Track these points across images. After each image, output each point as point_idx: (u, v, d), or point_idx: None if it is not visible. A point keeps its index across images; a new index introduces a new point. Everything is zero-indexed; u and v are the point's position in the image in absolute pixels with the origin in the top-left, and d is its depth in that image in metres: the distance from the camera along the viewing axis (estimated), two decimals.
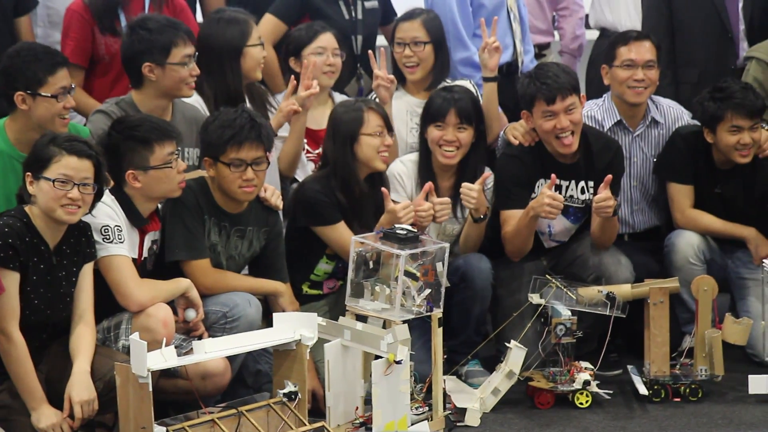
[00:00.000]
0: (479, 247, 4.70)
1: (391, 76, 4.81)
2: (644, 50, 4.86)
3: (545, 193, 4.46)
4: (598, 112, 4.93)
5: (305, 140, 4.81)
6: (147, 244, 4.09)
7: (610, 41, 5.03)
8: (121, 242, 3.93)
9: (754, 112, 4.71)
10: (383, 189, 4.44)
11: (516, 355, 4.23)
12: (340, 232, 4.46)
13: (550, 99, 4.59)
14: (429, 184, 4.52)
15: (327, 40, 4.86)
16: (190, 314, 4.04)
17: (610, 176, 4.51)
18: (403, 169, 4.75)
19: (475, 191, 4.54)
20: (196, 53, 4.43)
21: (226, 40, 4.63)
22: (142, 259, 4.08)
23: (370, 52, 4.89)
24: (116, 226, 3.94)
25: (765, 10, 5.26)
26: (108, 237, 3.91)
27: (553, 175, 4.52)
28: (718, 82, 4.82)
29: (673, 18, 5.24)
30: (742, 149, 4.72)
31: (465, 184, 4.57)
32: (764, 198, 4.81)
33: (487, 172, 4.68)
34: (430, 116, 4.70)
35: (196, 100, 4.59)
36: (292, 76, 4.74)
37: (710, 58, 5.17)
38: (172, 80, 4.33)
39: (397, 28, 4.95)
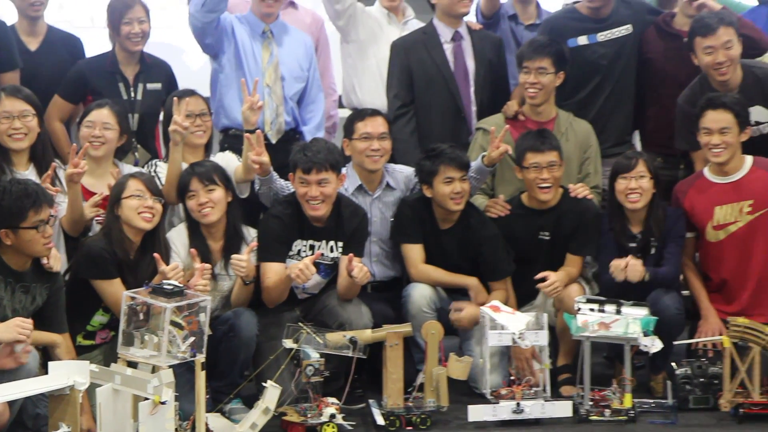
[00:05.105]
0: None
1: (186, 123, 5.21)
2: (378, 124, 5.47)
3: (303, 261, 4.99)
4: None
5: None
6: None
7: (348, 118, 5.59)
8: None
9: (462, 164, 5.36)
10: (155, 254, 4.83)
11: (272, 393, 4.64)
12: (115, 288, 4.83)
13: (306, 169, 5.15)
14: (193, 251, 4.97)
15: (97, 115, 5.27)
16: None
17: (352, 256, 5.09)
18: (176, 236, 5.16)
19: (245, 261, 5.01)
20: None
21: None
22: None
23: (175, 99, 5.27)
24: None
25: (492, 93, 5.93)
26: None
27: (319, 252, 5.10)
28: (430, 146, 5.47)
29: (415, 99, 5.87)
30: (456, 197, 5.34)
31: (234, 256, 5.02)
32: (476, 254, 5.44)
33: (254, 243, 5.14)
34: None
35: None
36: (74, 145, 5.12)
37: (446, 133, 5.79)
38: None
39: None
